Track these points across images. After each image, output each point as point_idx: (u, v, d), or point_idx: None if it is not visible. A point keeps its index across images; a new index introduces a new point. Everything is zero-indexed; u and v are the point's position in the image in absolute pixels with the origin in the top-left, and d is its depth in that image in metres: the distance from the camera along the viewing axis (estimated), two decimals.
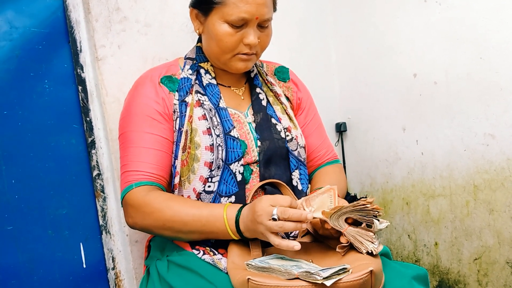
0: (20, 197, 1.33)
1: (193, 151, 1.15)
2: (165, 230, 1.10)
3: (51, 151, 1.39)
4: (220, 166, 1.14)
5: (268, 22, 1.19)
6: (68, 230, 1.41)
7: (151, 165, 1.15)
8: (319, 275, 0.88)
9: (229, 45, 1.16)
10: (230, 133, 1.17)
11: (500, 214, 1.58)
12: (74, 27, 1.42)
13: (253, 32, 1.16)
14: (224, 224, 1.05)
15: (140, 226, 1.14)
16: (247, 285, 0.93)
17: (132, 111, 1.19)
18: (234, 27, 1.15)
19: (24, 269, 1.34)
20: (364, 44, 1.94)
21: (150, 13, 1.51)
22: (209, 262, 1.09)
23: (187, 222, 1.07)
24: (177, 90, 1.21)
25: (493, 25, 1.52)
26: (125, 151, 1.18)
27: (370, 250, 0.98)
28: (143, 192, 1.12)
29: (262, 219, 0.98)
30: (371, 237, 0.99)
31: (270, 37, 1.23)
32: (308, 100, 1.39)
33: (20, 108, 1.34)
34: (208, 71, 1.25)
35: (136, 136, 1.16)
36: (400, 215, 1.91)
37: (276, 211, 0.97)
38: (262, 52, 1.24)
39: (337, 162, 1.41)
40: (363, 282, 0.90)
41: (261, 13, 1.14)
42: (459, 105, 1.64)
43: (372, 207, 0.98)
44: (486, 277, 1.64)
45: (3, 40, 1.32)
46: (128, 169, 1.16)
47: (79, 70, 1.43)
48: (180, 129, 1.17)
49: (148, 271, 1.19)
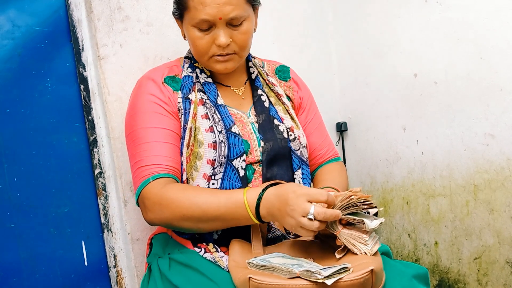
0: (22, 195, 1.34)
1: (196, 148, 1.15)
2: (185, 221, 1.07)
3: (53, 150, 1.39)
4: (222, 163, 1.14)
5: (239, 19, 1.15)
6: (69, 228, 1.41)
7: (165, 158, 1.13)
8: (320, 274, 0.89)
9: (201, 49, 1.17)
10: (231, 129, 1.17)
11: (500, 214, 1.58)
12: (76, 26, 1.42)
13: (223, 32, 1.14)
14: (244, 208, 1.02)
15: (158, 220, 1.10)
16: (248, 283, 0.93)
17: (138, 109, 1.19)
18: (201, 30, 1.15)
19: (26, 267, 1.34)
20: (364, 43, 1.95)
21: (152, 13, 1.51)
22: (210, 260, 1.09)
23: (205, 210, 1.04)
24: (180, 88, 1.21)
25: (493, 25, 1.52)
26: (136, 149, 1.16)
27: (363, 252, 0.97)
28: (160, 185, 1.10)
29: (295, 214, 0.94)
30: (364, 239, 0.98)
31: (248, 34, 1.18)
32: (309, 99, 1.40)
33: (22, 107, 1.35)
34: (203, 70, 1.26)
35: (146, 132, 1.16)
36: (400, 214, 1.91)
37: (313, 210, 0.93)
38: (244, 51, 1.21)
39: (338, 160, 1.41)
40: (364, 281, 0.90)
41: (223, 12, 1.12)
42: (459, 105, 1.64)
43: (357, 198, 0.97)
44: (486, 276, 1.65)
45: (5, 39, 1.33)
46: (141, 164, 1.13)
47: (81, 68, 1.43)
48: (184, 126, 1.18)
49: (149, 268, 1.19)
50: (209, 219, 1.05)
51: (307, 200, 0.95)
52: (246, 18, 1.17)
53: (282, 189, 0.99)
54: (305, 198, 0.95)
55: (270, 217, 1.01)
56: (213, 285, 1.00)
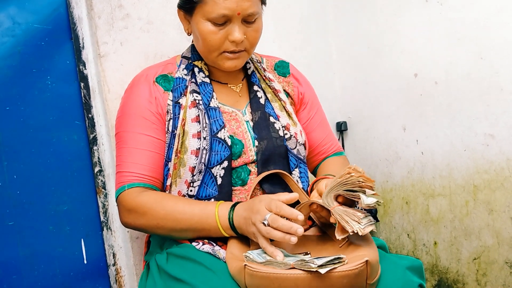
0: (22, 193, 1.34)
1: (182, 155, 1.15)
2: (158, 229, 1.11)
3: (52, 147, 1.39)
4: (201, 170, 1.14)
5: (254, 16, 1.14)
6: (69, 226, 1.41)
7: (143, 167, 1.15)
8: (314, 263, 0.89)
9: (213, 44, 1.14)
10: (217, 134, 1.16)
11: (500, 214, 1.58)
12: (77, 23, 1.42)
13: (238, 28, 1.13)
14: (215, 221, 1.06)
15: (133, 226, 1.15)
16: (243, 271, 0.93)
17: (126, 112, 1.20)
18: (216, 24, 1.13)
19: (25, 264, 1.34)
20: (365, 43, 1.95)
21: (153, 11, 1.51)
22: (208, 251, 1.09)
23: (180, 220, 1.08)
24: (172, 90, 1.20)
25: (494, 25, 1.52)
26: (119, 151, 1.19)
27: (355, 230, 0.95)
28: (134, 194, 1.13)
29: (255, 220, 0.98)
30: (359, 217, 0.96)
31: (259, 32, 1.18)
32: (311, 94, 1.38)
33: (22, 104, 1.35)
34: (202, 69, 1.24)
35: (130, 137, 1.17)
36: (400, 214, 1.91)
37: (268, 216, 0.97)
38: (253, 48, 1.21)
39: (342, 154, 1.40)
40: (359, 272, 0.89)
41: (243, 7, 1.11)
42: (460, 105, 1.65)
43: (357, 176, 0.96)
44: (485, 277, 1.65)
45: (6, 36, 1.33)
46: (121, 169, 1.16)
47: (82, 66, 1.43)
48: (173, 131, 1.17)
49: (147, 266, 1.19)
50: (182, 229, 1.10)
51: (265, 207, 0.99)
52: (259, 16, 1.17)
53: (252, 200, 1.03)
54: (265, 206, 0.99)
55: (240, 230, 1.05)
56: (211, 274, 1.00)
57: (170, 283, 1.05)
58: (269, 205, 0.99)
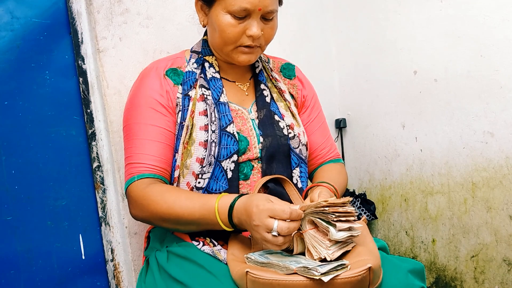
0: (20, 188, 1.33)
1: (189, 146, 1.15)
2: (163, 222, 1.11)
3: (51, 142, 1.39)
4: (211, 163, 1.14)
5: (272, 14, 1.18)
6: (67, 221, 1.41)
7: (153, 158, 1.15)
8: (317, 270, 0.88)
9: (231, 36, 1.16)
10: (226, 128, 1.17)
11: (498, 212, 1.59)
12: (76, 18, 1.42)
13: (256, 23, 1.15)
14: (217, 219, 1.04)
15: (140, 218, 1.15)
16: (245, 278, 0.93)
17: (136, 103, 1.19)
18: (236, 18, 1.14)
19: (23, 259, 1.34)
20: (364, 40, 1.94)
21: (152, 6, 1.50)
22: (208, 253, 1.09)
23: (182, 215, 1.07)
24: (181, 83, 1.21)
25: (494, 23, 1.52)
26: (129, 143, 1.18)
27: (322, 257, 0.95)
28: (143, 185, 1.12)
29: (259, 229, 0.95)
30: (327, 245, 0.95)
31: (274, 30, 1.22)
32: (313, 98, 1.39)
33: (21, 99, 1.34)
34: (212, 64, 1.25)
35: (140, 128, 1.17)
36: (398, 211, 1.91)
37: (276, 226, 0.93)
38: (267, 45, 1.23)
39: (339, 161, 1.39)
40: (361, 278, 0.89)
41: (264, 4, 1.14)
42: (459, 102, 1.65)
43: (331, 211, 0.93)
44: (482, 274, 1.65)
45: (4, 30, 1.32)
46: (131, 161, 1.16)
47: (80, 61, 1.43)
48: (182, 123, 1.18)
49: (147, 261, 1.19)
50: (186, 223, 1.09)
51: (269, 216, 0.94)
52: (276, 15, 1.20)
53: (249, 200, 1.00)
54: (267, 214, 0.95)
55: (242, 226, 1.03)
56: (211, 277, 1.00)
57: (170, 284, 1.05)
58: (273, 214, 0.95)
